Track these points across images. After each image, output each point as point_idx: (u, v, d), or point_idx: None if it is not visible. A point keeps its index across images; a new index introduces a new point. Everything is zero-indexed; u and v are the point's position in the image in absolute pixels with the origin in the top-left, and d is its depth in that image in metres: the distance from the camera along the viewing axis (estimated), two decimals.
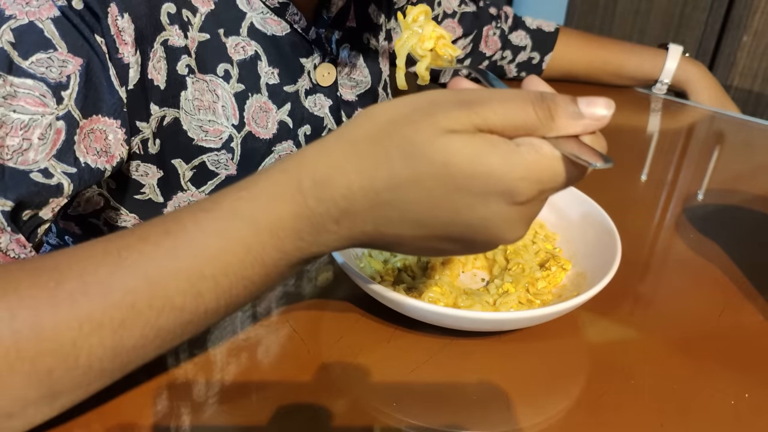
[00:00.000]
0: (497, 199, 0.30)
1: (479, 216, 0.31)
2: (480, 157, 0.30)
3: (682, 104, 0.94)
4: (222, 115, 0.54)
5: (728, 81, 1.62)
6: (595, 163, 0.30)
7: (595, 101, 0.31)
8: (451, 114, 0.30)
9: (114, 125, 0.46)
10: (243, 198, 0.32)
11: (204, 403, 0.37)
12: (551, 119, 0.31)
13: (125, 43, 0.45)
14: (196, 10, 0.51)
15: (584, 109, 0.31)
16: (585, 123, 0.31)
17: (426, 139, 0.30)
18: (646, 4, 1.72)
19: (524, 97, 0.31)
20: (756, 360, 0.43)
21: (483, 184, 0.30)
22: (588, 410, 0.38)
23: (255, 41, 0.55)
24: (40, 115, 0.41)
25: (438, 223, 0.32)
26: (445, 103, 0.31)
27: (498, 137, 0.30)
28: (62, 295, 0.31)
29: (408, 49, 0.46)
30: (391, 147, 0.30)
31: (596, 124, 0.31)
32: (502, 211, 0.31)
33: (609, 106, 0.31)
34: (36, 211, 0.43)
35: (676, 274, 0.53)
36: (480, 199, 0.30)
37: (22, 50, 0.40)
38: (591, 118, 0.31)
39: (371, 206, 0.31)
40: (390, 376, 0.40)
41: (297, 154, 0.33)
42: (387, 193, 0.31)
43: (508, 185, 0.30)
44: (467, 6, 0.87)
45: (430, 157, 0.30)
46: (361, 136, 0.31)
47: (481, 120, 0.30)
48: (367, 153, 0.31)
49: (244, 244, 0.32)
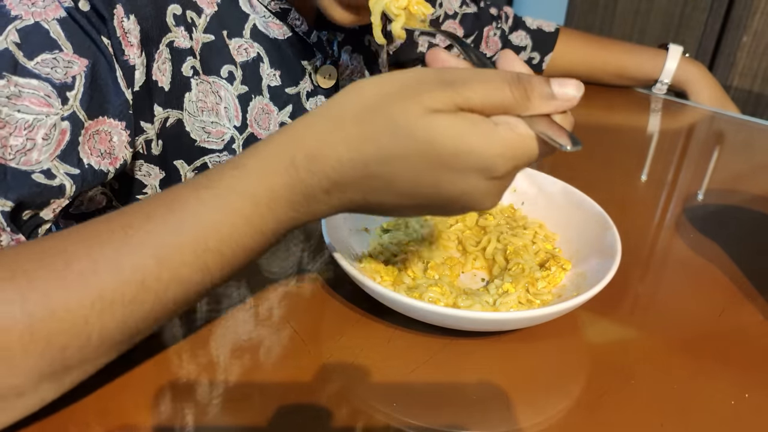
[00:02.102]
0: (476, 175, 0.33)
1: (459, 189, 0.34)
2: (461, 136, 0.32)
3: (682, 104, 0.94)
4: (224, 117, 0.54)
5: (728, 81, 1.62)
6: (565, 145, 0.33)
7: (565, 83, 0.34)
8: (435, 94, 0.32)
9: (119, 127, 0.46)
10: (240, 174, 0.34)
11: (203, 403, 0.37)
12: (527, 99, 0.33)
13: (131, 45, 0.45)
14: (201, 12, 0.51)
15: (556, 90, 0.33)
16: (557, 103, 0.34)
17: (412, 118, 0.32)
18: (646, 4, 1.72)
19: (502, 78, 0.33)
20: (756, 360, 0.43)
21: (463, 161, 0.33)
22: (588, 410, 0.38)
23: (257, 43, 0.55)
24: (44, 115, 0.41)
25: (420, 194, 0.34)
26: (429, 83, 0.33)
27: (478, 116, 0.33)
28: (72, 275, 0.32)
29: (382, 6, 0.47)
30: (379, 124, 0.33)
31: (567, 104, 0.34)
32: (479, 185, 0.34)
33: (579, 87, 0.34)
34: (37, 211, 0.43)
35: (676, 274, 0.53)
36: (460, 174, 0.33)
37: (28, 50, 0.40)
38: (562, 99, 0.34)
39: (359, 178, 0.34)
40: (390, 376, 0.40)
41: (288, 129, 0.35)
42: (374, 167, 0.33)
43: (486, 162, 0.33)
44: (468, 7, 0.87)
45: (416, 135, 0.32)
46: (350, 112, 0.33)
47: (463, 100, 0.32)
48: (355, 129, 0.33)
49: (244, 217, 0.34)
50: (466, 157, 0.32)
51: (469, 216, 0.55)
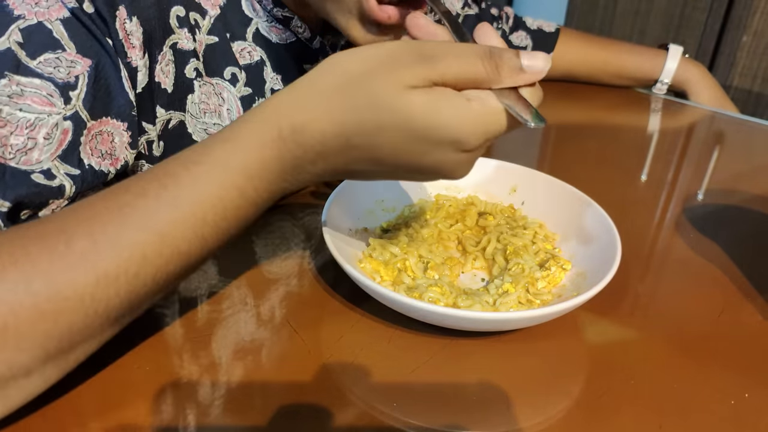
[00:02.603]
0: (449, 147, 0.35)
1: (433, 159, 0.36)
2: (435, 112, 0.34)
3: (682, 104, 0.94)
4: (227, 119, 0.54)
5: (728, 81, 1.62)
6: (528, 121, 0.34)
7: (534, 55, 0.35)
8: (411, 70, 0.34)
9: (121, 128, 0.46)
10: (230, 148, 0.36)
11: (203, 402, 0.37)
12: (497, 73, 0.35)
13: (133, 47, 0.45)
14: (204, 13, 0.51)
15: (525, 63, 0.35)
16: (525, 76, 0.35)
17: (390, 94, 0.34)
18: (646, 4, 1.72)
19: (475, 53, 0.35)
20: (756, 360, 0.43)
21: (437, 135, 0.35)
22: (588, 410, 0.38)
23: (260, 47, 0.55)
24: (46, 114, 0.41)
25: (398, 163, 0.37)
26: (406, 58, 0.35)
27: (451, 91, 0.35)
28: (74, 255, 0.32)
29: None
30: (359, 98, 0.35)
31: (535, 76, 0.36)
32: (452, 157, 0.36)
33: (546, 60, 0.36)
34: (35, 211, 0.43)
35: (676, 274, 0.53)
36: (434, 146, 0.35)
37: (30, 50, 0.40)
38: (530, 72, 0.35)
39: (342, 149, 0.36)
40: (390, 376, 0.40)
41: (271, 102, 0.37)
42: (356, 138, 0.35)
43: (458, 136, 0.35)
44: (470, 9, 0.87)
45: (394, 110, 0.34)
46: (331, 86, 0.35)
47: (438, 75, 0.34)
48: (337, 102, 0.35)
49: (238, 189, 0.36)
50: (440, 131, 0.34)
51: (469, 216, 0.55)
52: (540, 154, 0.77)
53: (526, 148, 0.78)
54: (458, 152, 0.36)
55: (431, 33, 0.41)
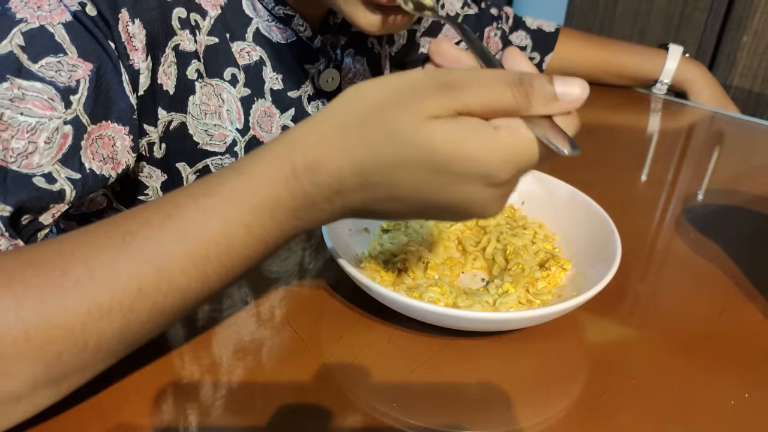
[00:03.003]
0: (476, 181, 0.32)
1: (460, 196, 0.33)
2: (460, 143, 0.31)
3: (682, 104, 0.94)
4: (227, 120, 0.54)
5: (728, 81, 1.62)
6: (562, 149, 0.32)
7: (570, 82, 0.32)
8: (434, 100, 0.31)
9: (122, 132, 0.46)
10: (241, 182, 0.34)
11: (203, 402, 0.37)
12: (528, 101, 0.32)
13: (135, 50, 0.45)
14: (205, 14, 0.51)
15: (559, 90, 0.32)
16: (559, 104, 0.32)
17: (410, 126, 0.31)
18: (646, 4, 1.72)
19: (503, 81, 0.32)
20: (756, 360, 0.43)
21: (463, 168, 0.32)
22: (588, 410, 0.38)
23: (260, 47, 0.55)
24: (47, 118, 0.41)
25: (421, 200, 0.34)
26: (428, 88, 0.32)
27: (477, 120, 0.32)
28: (69, 282, 0.31)
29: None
30: (378, 133, 0.32)
31: (570, 105, 0.33)
32: (480, 192, 0.33)
33: (584, 87, 0.33)
34: (36, 216, 0.43)
35: (676, 274, 0.53)
36: (461, 181, 0.32)
37: (32, 54, 0.40)
38: (565, 100, 0.32)
39: (360, 187, 0.33)
40: (390, 376, 0.40)
41: (287, 137, 0.34)
42: (374, 176, 0.33)
43: (486, 169, 0.32)
44: (470, 9, 0.87)
45: (414, 143, 0.31)
46: (349, 121, 0.33)
47: (462, 105, 0.32)
48: (355, 138, 0.33)
49: (246, 226, 0.34)
50: (466, 164, 0.32)
51: None
52: None
53: None
54: (488, 187, 0.33)
55: (455, 59, 0.38)
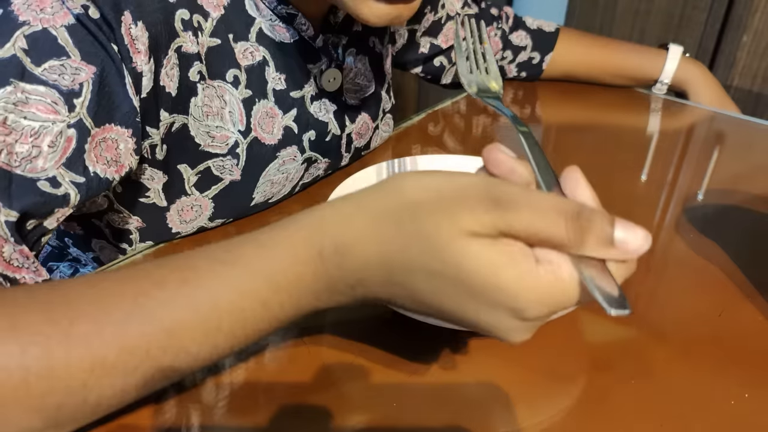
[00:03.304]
0: (504, 313, 0.30)
1: (484, 320, 0.31)
2: (495, 270, 0.29)
3: (682, 104, 0.94)
4: (229, 121, 0.54)
5: (728, 81, 1.62)
6: (608, 308, 0.28)
7: (633, 229, 0.29)
8: (477, 215, 0.29)
9: (125, 134, 0.46)
10: (262, 255, 0.33)
11: (203, 402, 0.37)
12: (582, 239, 0.29)
13: (138, 52, 0.45)
14: (207, 15, 0.51)
15: (619, 237, 0.29)
16: (615, 252, 0.30)
17: (445, 238, 0.29)
18: (646, 4, 1.72)
19: (560, 211, 0.29)
20: (756, 360, 0.43)
21: (492, 297, 0.30)
22: (588, 410, 0.38)
23: (263, 47, 0.55)
24: (51, 122, 0.41)
25: (444, 312, 0.32)
26: (474, 199, 0.30)
27: (519, 250, 0.30)
28: (76, 335, 0.31)
29: None
30: (411, 234, 0.30)
31: (626, 255, 0.30)
32: (507, 322, 0.31)
33: (646, 239, 0.29)
34: (41, 221, 0.43)
35: (676, 274, 0.53)
36: (486, 307, 0.30)
37: (35, 57, 0.40)
38: (623, 248, 0.29)
39: (384, 282, 0.32)
40: (390, 376, 0.40)
41: (317, 214, 0.33)
42: (399, 276, 0.31)
43: (517, 304, 0.29)
44: (470, 8, 0.87)
45: (445, 258, 0.30)
46: (385, 212, 0.31)
47: (507, 226, 0.29)
48: (388, 234, 0.31)
49: (262, 301, 0.33)
50: (496, 294, 0.29)
51: None
52: None
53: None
54: (515, 319, 0.30)
55: (509, 170, 0.33)
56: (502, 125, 0.84)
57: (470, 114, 0.88)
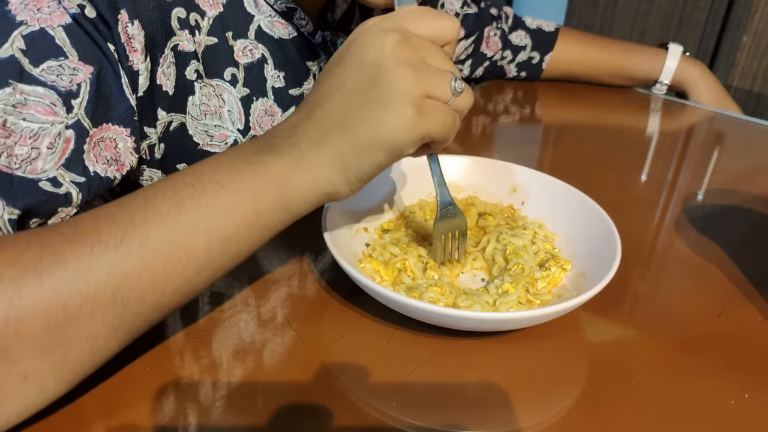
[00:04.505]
0: (371, 47, 0.37)
1: (366, 62, 0.37)
2: (365, 27, 0.38)
3: (682, 104, 0.94)
4: (228, 120, 0.54)
5: (728, 81, 1.62)
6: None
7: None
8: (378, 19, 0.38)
9: (124, 133, 0.46)
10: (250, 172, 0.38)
11: (204, 402, 0.37)
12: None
13: (135, 50, 0.45)
14: (204, 14, 0.51)
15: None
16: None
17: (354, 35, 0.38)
18: (646, 4, 1.72)
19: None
20: (756, 360, 0.43)
21: (357, 31, 0.38)
22: (588, 410, 0.38)
23: (262, 44, 0.55)
24: (49, 123, 0.41)
25: (346, 91, 0.38)
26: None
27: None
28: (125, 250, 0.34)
29: None
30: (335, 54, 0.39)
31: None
32: (380, 59, 0.36)
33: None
34: (44, 220, 0.43)
35: (676, 274, 0.53)
36: (358, 49, 0.37)
37: (33, 57, 0.40)
38: None
39: (303, 105, 0.40)
40: (390, 376, 0.40)
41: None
42: (312, 95, 0.40)
43: (375, 30, 0.37)
44: (469, 8, 0.87)
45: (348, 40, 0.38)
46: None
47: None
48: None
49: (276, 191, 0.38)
50: (360, 29, 0.38)
51: (469, 216, 0.55)
52: (540, 154, 0.77)
53: (526, 148, 0.78)
54: (385, 55, 0.36)
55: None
56: (502, 125, 0.84)
57: (469, 113, 0.88)
